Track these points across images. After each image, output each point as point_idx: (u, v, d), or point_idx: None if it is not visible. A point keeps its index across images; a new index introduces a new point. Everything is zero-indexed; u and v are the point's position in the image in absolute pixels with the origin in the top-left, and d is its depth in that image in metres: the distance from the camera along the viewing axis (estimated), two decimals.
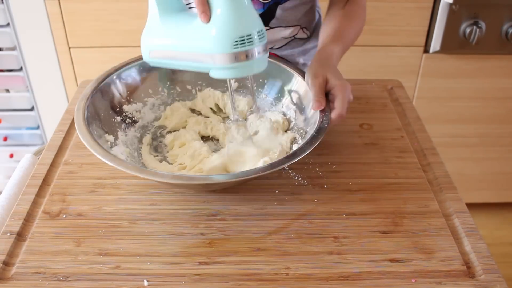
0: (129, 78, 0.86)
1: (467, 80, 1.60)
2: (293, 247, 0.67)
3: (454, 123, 1.69)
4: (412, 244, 0.67)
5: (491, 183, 1.83)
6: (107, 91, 0.83)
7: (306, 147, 0.70)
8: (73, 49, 1.54)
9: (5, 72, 1.60)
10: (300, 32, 1.02)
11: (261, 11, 0.95)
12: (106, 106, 0.82)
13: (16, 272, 0.63)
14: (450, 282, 0.62)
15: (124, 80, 0.85)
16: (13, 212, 0.72)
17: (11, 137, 1.73)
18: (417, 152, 0.84)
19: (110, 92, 0.83)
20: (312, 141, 0.71)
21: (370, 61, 1.58)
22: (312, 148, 0.69)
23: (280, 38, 1.00)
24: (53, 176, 0.78)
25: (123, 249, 0.66)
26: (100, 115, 0.79)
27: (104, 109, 0.81)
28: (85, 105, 0.77)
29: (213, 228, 0.69)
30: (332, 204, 0.73)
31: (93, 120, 0.76)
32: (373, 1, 1.47)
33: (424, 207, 0.73)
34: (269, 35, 0.99)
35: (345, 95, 0.76)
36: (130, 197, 0.75)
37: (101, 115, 0.79)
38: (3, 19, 1.49)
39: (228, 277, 0.63)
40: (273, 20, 0.97)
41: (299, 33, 1.02)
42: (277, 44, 1.01)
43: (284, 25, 0.98)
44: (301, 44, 1.04)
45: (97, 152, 0.69)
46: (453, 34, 1.50)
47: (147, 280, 0.62)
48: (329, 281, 0.62)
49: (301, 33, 1.02)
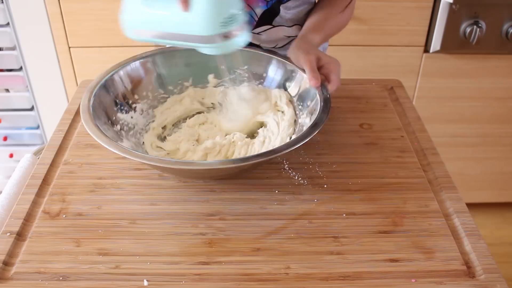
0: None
1: (467, 80, 1.60)
2: (293, 247, 0.67)
3: (454, 123, 1.69)
4: (412, 244, 0.67)
5: (491, 183, 1.83)
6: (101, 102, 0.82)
7: (320, 120, 0.73)
8: (73, 49, 1.54)
9: (5, 72, 1.60)
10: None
11: (264, 8, 0.95)
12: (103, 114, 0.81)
13: (16, 272, 0.63)
14: (450, 282, 0.62)
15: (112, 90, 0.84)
16: (13, 212, 0.72)
17: (11, 137, 1.73)
18: (417, 152, 0.84)
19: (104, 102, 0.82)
20: (323, 113, 0.74)
21: (370, 61, 1.58)
22: (324, 120, 0.73)
23: (283, 37, 1.00)
24: (53, 176, 0.78)
25: (123, 249, 0.66)
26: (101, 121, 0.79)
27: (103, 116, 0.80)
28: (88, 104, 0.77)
29: (213, 228, 0.69)
30: (332, 204, 0.73)
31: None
32: (373, 1, 1.47)
33: (424, 207, 0.73)
34: (272, 34, 0.99)
35: (339, 70, 0.82)
36: (130, 197, 0.74)
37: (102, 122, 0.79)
38: (3, 19, 1.49)
39: (228, 277, 0.63)
40: (277, 18, 0.97)
41: None
42: (279, 43, 1.01)
43: (287, 24, 0.98)
44: None
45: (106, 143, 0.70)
46: (453, 33, 1.50)
47: (147, 280, 0.62)
48: (329, 281, 0.62)
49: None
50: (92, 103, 0.77)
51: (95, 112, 0.76)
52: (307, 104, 0.82)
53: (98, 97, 0.79)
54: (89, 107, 0.76)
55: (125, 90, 0.85)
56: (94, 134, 0.71)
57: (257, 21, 0.96)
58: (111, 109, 0.81)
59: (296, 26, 1.00)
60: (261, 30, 0.98)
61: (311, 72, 0.80)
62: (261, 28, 0.97)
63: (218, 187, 0.76)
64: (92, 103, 0.77)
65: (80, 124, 0.89)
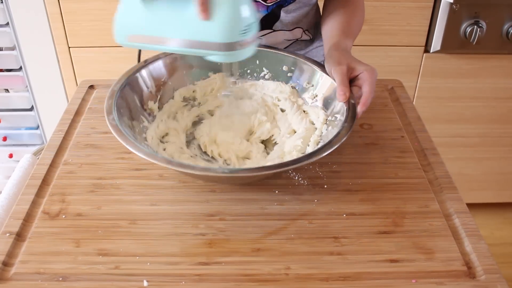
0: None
1: (467, 80, 1.60)
2: (293, 247, 0.66)
3: (454, 123, 1.69)
4: (413, 244, 0.67)
5: (491, 183, 1.83)
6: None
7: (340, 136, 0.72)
8: (73, 49, 1.54)
9: (5, 72, 1.60)
10: (303, 34, 1.02)
11: (265, 13, 0.94)
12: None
13: (15, 272, 0.63)
14: (450, 283, 0.62)
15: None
16: (13, 212, 0.71)
17: (10, 137, 1.73)
18: (417, 152, 0.84)
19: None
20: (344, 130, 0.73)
21: (370, 61, 1.56)
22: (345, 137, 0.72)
23: (283, 41, 1.00)
24: (53, 176, 0.78)
25: (123, 249, 0.66)
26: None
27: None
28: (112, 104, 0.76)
29: (213, 228, 0.69)
30: (332, 204, 0.73)
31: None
32: (373, 0, 1.47)
33: (424, 207, 0.73)
34: (272, 38, 0.98)
35: (374, 79, 0.78)
36: (130, 197, 0.74)
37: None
38: (2, 19, 1.49)
39: (228, 277, 0.62)
40: (277, 23, 0.96)
41: (303, 36, 1.02)
42: (279, 46, 1.00)
43: (288, 28, 0.98)
44: (304, 46, 1.04)
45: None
46: (453, 33, 1.50)
47: (147, 281, 0.62)
48: (329, 281, 0.62)
49: (304, 36, 1.02)
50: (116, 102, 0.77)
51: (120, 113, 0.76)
52: (332, 111, 0.81)
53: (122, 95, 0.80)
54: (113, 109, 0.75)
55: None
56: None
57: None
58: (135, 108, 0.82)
59: (297, 29, 0.99)
60: (261, 34, 0.97)
61: (341, 86, 0.77)
62: (261, 32, 0.97)
63: (218, 187, 0.76)
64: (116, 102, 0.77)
65: (80, 124, 0.89)
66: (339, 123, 0.76)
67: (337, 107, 0.80)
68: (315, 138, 0.80)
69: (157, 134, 0.81)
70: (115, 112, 0.74)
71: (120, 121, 0.73)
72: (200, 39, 0.71)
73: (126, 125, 0.75)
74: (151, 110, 0.84)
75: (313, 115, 0.85)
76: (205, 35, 0.70)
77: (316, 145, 0.78)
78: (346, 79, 0.78)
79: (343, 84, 0.77)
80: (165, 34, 0.73)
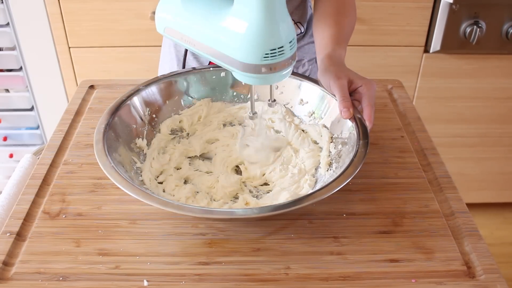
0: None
1: (467, 80, 1.60)
2: (293, 247, 0.67)
3: (454, 123, 1.69)
4: (412, 244, 0.67)
5: (491, 183, 1.83)
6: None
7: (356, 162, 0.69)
8: (73, 49, 1.54)
9: (5, 72, 1.60)
10: (295, 27, 1.01)
11: None
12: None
13: (15, 272, 0.63)
14: (450, 282, 0.62)
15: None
16: (13, 212, 0.71)
17: (10, 137, 1.73)
18: (417, 152, 0.84)
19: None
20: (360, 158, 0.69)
21: (370, 61, 1.58)
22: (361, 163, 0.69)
23: None
24: (53, 176, 0.78)
25: (123, 249, 0.66)
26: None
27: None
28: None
29: (213, 228, 0.69)
30: (332, 204, 0.73)
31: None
32: (373, 1, 1.47)
33: (424, 207, 0.73)
34: None
35: (373, 92, 0.76)
36: (130, 197, 0.74)
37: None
38: (3, 19, 1.49)
39: (228, 277, 0.63)
40: None
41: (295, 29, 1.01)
42: None
43: None
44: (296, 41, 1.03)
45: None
46: (453, 34, 1.50)
47: (147, 280, 0.62)
48: (329, 281, 0.62)
49: (296, 29, 1.01)
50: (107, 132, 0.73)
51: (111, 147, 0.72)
52: (340, 135, 0.78)
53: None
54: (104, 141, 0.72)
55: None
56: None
57: None
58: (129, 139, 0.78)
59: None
60: None
61: (343, 101, 0.75)
62: None
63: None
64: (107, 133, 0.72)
65: (80, 124, 0.89)
66: (350, 141, 0.73)
67: (341, 124, 0.77)
68: (325, 159, 0.77)
69: (152, 174, 0.76)
70: (111, 159, 0.69)
71: (117, 166, 0.69)
72: (226, 53, 0.66)
73: (123, 170, 0.70)
74: (140, 148, 0.79)
75: (314, 133, 0.82)
76: (230, 49, 0.65)
77: (328, 166, 0.76)
78: (347, 94, 0.76)
79: (345, 100, 0.75)
80: (196, 37, 0.69)
